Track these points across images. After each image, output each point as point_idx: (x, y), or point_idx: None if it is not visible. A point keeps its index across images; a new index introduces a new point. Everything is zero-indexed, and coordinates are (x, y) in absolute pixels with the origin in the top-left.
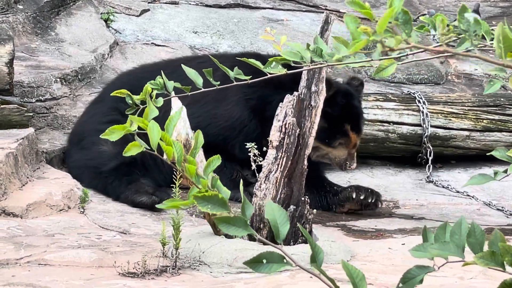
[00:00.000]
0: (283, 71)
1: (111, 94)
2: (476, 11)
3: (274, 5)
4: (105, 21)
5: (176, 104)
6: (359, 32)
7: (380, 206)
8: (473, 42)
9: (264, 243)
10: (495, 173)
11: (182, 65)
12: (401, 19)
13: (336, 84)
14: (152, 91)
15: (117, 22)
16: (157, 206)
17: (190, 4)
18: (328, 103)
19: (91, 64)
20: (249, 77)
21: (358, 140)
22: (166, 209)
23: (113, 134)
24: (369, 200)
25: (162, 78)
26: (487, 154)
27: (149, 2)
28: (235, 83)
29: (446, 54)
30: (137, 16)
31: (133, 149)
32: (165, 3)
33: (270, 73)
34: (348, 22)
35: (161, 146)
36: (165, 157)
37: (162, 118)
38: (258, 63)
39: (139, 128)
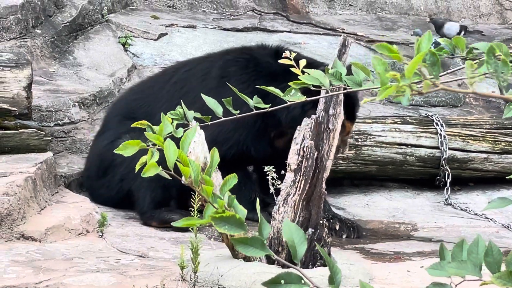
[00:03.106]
0: (303, 98)
1: (132, 125)
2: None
3: (291, 29)
4: (123, 45)
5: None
6: (387, 76)
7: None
8: (501, 84)
9: (283, 265)
10: None
11: (202, 94)
12: (428, 61)
13: None
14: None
15: (135, 46)
16: (173, 224)
17: (207, 27)
18: None
19: (109, 88)
20: (269, 105)
21: (352, 127)
22: (184, 226)
23: (127, 149)
24: (352, 237)
25: (182, 107)
26: (507, 178)
27: (166, 26)
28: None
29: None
30: (155, 40)
31: (151, 170)
32: (183, 26)
33: (289, 98)
34: (375, 64)
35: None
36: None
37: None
38: (277, 91)
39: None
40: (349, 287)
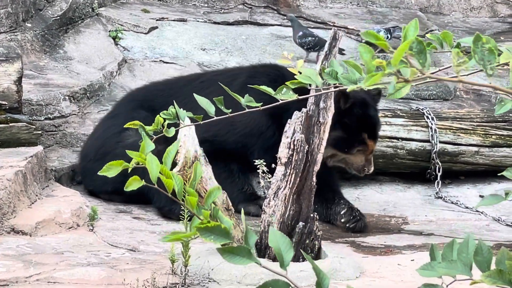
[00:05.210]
0: (294, 96)
1: (125, 126)
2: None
3: (282, 22)
4: (114, 38)
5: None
6: (373, 64)
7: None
8: (488, 72)
9: (273, 259)
10: (506, 194)
11: (194, 94)
12: (415, 49)
13: (353, 94)
14: (164, 121)
15: (125, 40)
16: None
17: (198, 21)
18: (346, 114)
19: (99, 82)
20: (260, 104)
21: (374, 146)
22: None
23: (110, 170)
24: (358, 227)
25: (174, 106)
26: (499, 174)
27: (157, 20)
28: (246, 109)
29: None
30: (145, 33)
31: (133, 184)
32: (173, 20)
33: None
34: (362, 52)
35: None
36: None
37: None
38: (269, 89)
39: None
40: (340, 280)
